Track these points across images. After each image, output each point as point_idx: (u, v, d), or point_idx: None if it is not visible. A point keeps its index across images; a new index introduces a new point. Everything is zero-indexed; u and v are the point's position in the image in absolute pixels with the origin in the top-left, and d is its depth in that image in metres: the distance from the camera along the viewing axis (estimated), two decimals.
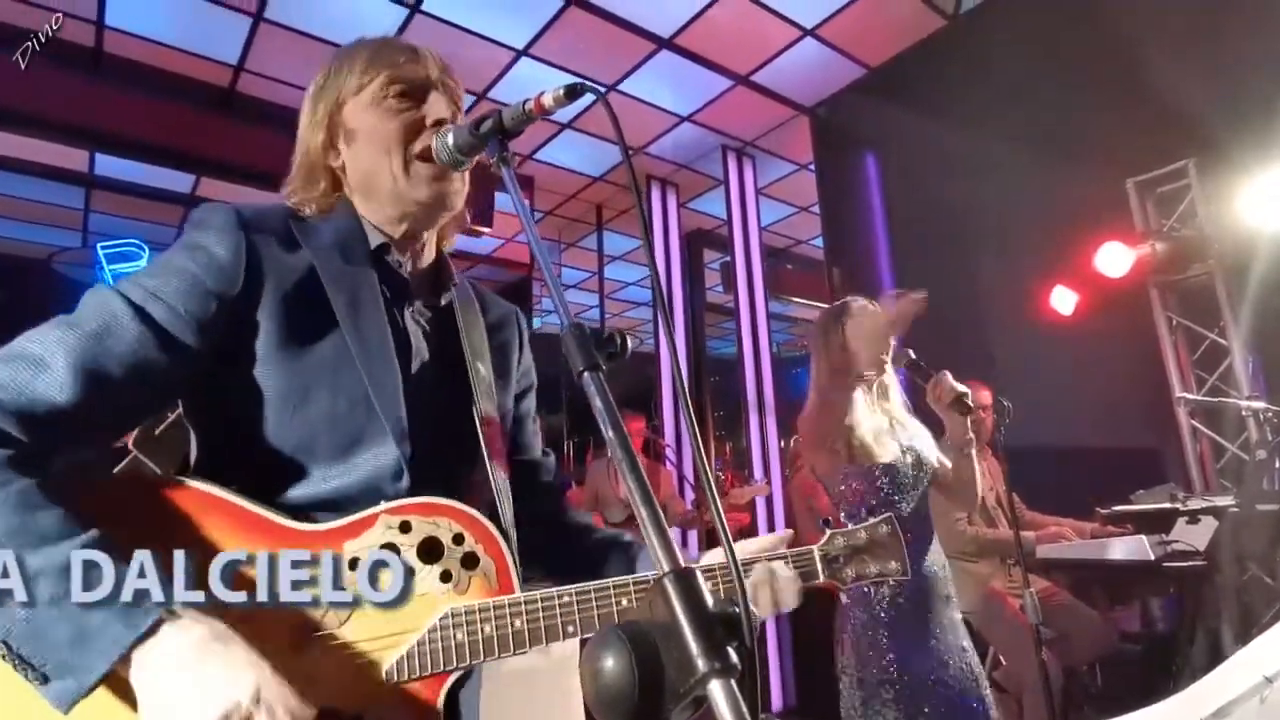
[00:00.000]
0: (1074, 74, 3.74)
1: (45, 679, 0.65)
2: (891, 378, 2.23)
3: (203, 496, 0.80)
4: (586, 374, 0.61)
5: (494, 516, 0.93)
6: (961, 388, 2.03)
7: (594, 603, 0.88)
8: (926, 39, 4.47)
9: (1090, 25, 3.71)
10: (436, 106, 0.98)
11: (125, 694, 0.69)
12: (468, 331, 1.03)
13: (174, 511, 0.79)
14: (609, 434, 0.56)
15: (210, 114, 4.73)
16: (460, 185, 1.00)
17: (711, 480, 0.58)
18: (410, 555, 0.83)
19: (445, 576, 0.84)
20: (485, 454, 0.97)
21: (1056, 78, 3.76)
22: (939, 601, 2.05)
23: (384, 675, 0.80)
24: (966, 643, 2.06)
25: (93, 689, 0.66)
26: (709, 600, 0.46)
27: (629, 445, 0.55)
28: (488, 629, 0.83)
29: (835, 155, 5.27)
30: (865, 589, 2.02)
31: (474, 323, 1.06)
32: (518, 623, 0.84)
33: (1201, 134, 3.51)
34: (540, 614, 0.85)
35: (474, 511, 0.88)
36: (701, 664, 0.43)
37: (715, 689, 0.42)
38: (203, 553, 0.76)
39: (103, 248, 6.36)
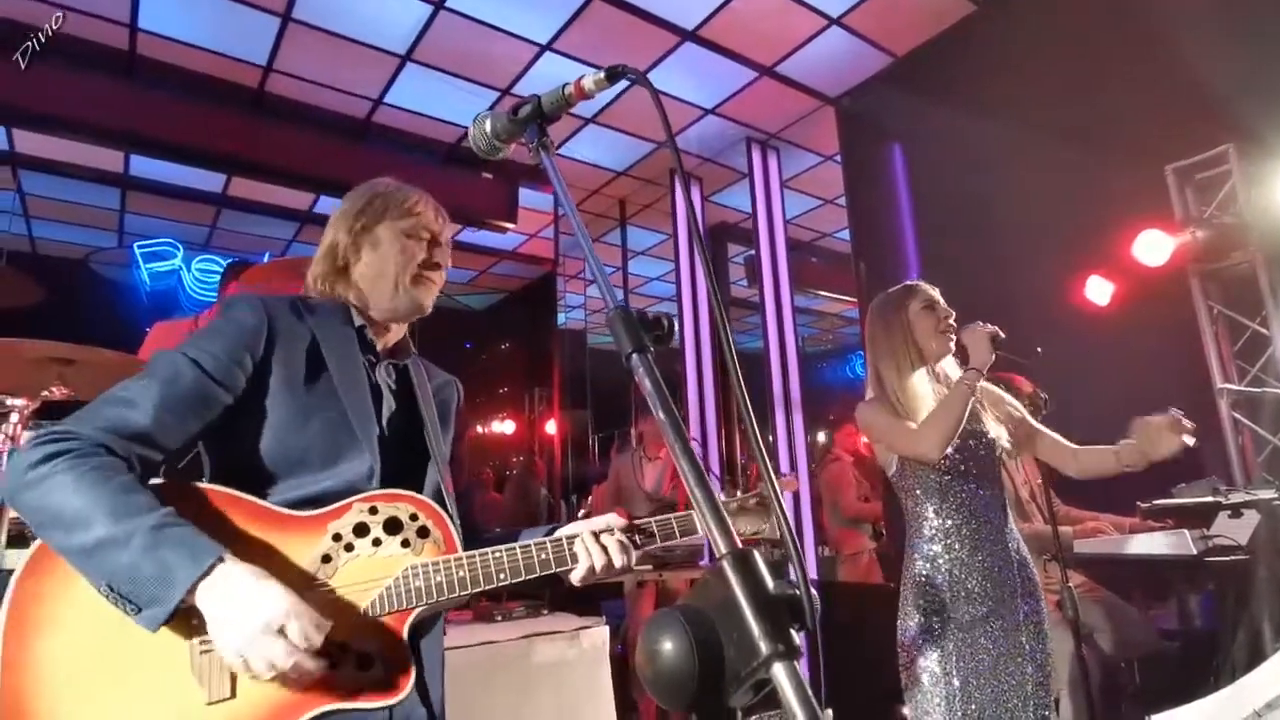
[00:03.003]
0: (1108, 59, 3.65)
1: (139, 609, 0.94)
2: (950, 362, 2.17)
3: (226, 496, 1.11)
4: (635, 356, 0.60)
5: (442, 505, 1.23)
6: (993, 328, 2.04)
7: (519, 555, 1.19)
8: (954, 26, 4.39)
9: (1124, 7, 3.62)
10: (441, 253, 1.38)
11: (190, 623, 1.00)
12: (420, 391, 1.38)
13: (209, 505, 1.09)
14: (660, 415, 0.55)
15: (240, 114, 4.80)
16: (434, 288, 1.38)
17: (763, 448, 0.57)
18: (378, 530, 1.14)
19: (405, 544, 1.15)
20: (437, 467, 1.30)
21: (1090, 63, 3.68)
22: (1009, 599, 1.95)
23: (363, 612, 1.09)
24: (1043, 648, 1.97)
25: (174, 613, 0.94)
26: (770, 581, 0.45)
27: (681, 427, 0.54)
28: (439, 577, 1.14)
29: (861, 146, 5.20)
30: (919, 597, 1.98)
31: (424, 385, 1.41)
32: (461, 572, 1.15)
33: (1242, 118, 3.41)
34: (478, 565, 1.16)
35: (424, 498, 1.20)
36: (765, 646, 0.42)
37: (779, 671, 0.41)
38: (230, 532, 1.07)
39: (139, 247, 6.49)
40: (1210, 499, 2.92)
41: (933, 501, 2.04)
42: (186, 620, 0.99)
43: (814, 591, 0.45)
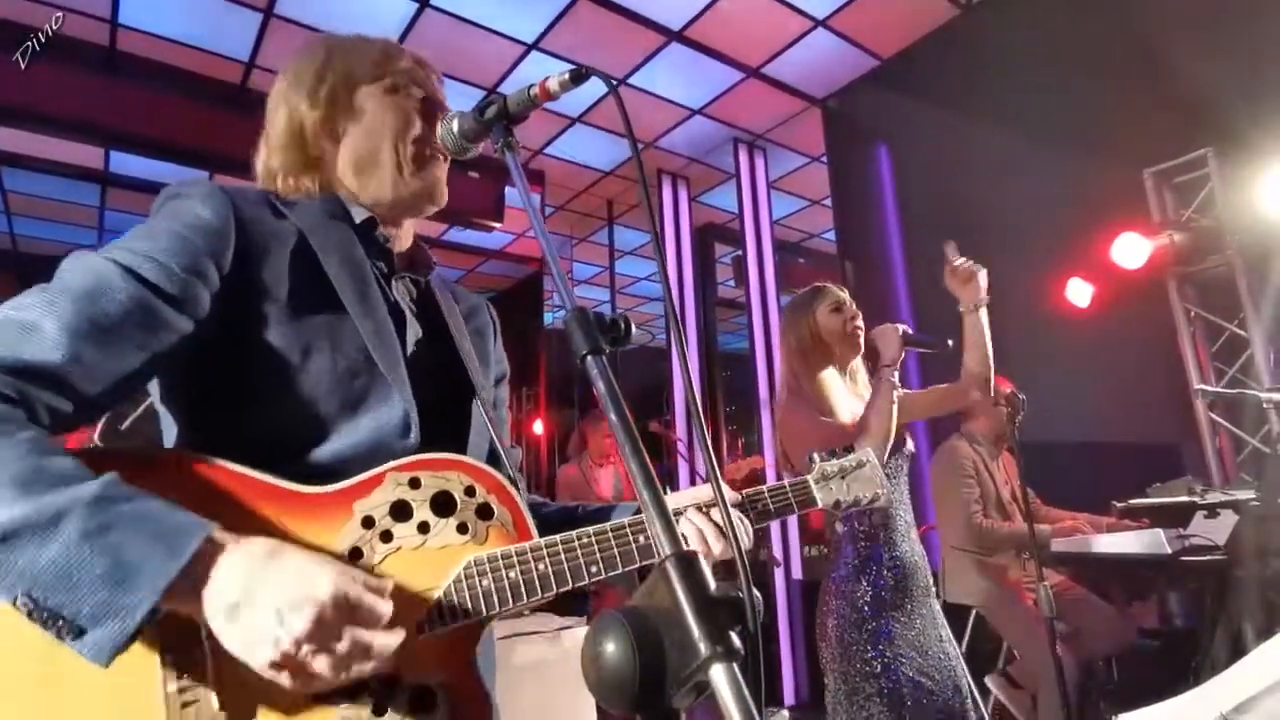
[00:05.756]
0: (1089, 62, 3.69)
1: (80, 631, 0.60)
2: (859, 363, 2.23)
3: (204, 466, 0.78)
4: (589, 357, 0.60)
5: (500, 468, 0.95)
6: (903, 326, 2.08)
7: (612, 541, 0.90)
8: (939, 28, 4.42)
9: (1105, 12, 3.65)
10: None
11: (156, 644, 0.69)
12: (449, 314, 1.07)
13: (178, 482, 0.75)
14: (612, 418, 0.55)
15: (222, 110, 4.76)
16: (444, 166, 1.05)
17: (721, 481, 0.57)
18: (424, 510, 0.83)
19: (462, 528, 0.84)
20: (484, 414, 1.00)
21: (1071, 66, 3.71)
22: (919, 591, 2.03)
23: (416, 629, 0.79)
24: (946, 632, 2.05)
25: (138, 630, 0.62)
26: (711, 584, 0.45)
27: (632, 428, 0.54)
28: (512, 574, 0.83)
29: (847, 148, 5.23)
30: (847, 584, 2.01)
31: (452, 308, 1.10)
32: (541, 566, 0.84)
33: (1220, 122, 3.45)
34: (563, 556, 0.86)
35: (482, 464, 0.89)
36: (704, 648, 0.42)
37: (717, 673, 0.42)
38: (212, 518, 0.72)
39: None
40: (1186, 499, 2.95)
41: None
42: (151, 641, 0.68)
43: (756, 593, 0.46)
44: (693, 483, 5.29)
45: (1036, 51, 3.73)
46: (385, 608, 0.71)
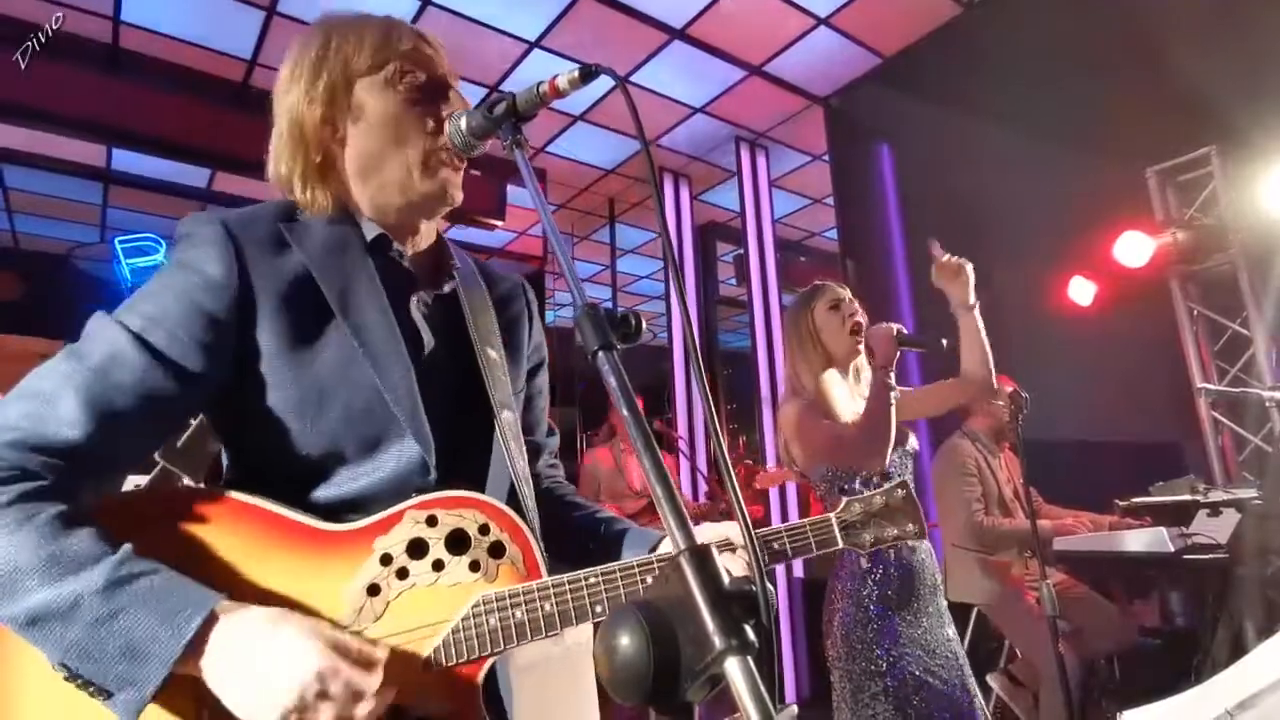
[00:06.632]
0: (1092, 61, 3.69)
1: (108, 694, 0.70)
2: (864, 360, 2.21)
3: (234, 504, 0.83)
4: (601, 353, 0.60)
5: (516, 503, 0.94)
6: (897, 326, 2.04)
7: (619, 582, 0.91)
8: (942, 27, 4.41)
9: (1108, 11, 3.65)
10: (456, 105, 0.97)
11: (195, 687, 0.75)
12: (475, 315, 1.02)
13: (207, 520, 0.82)
14: (624, 412, 0.56)
15: (225, 108, 4.76)
16: (460, 177, 1.00)
17: (727, 456, 0.57)
18: (439, 548, 0.86)
19: (474, 566, 0.87)
20: (503, 443, 0.97)
21: (1075, 65, 3.72)
22: (926, 590, 2.02)
23: (422, 665, 0.82)
24: (951, 630, 2.04)
25: (155, 696, 0.70)
26: (725, 578, 0.45)
27: (644, 423, 0.54)
28: (519, 613, 0.85)
29: (849, 146, 5.22)
30: (853, 582, 2.00)
31: (481, 305, 1.05)
32: (547, 606, 0.87)
33: (1224, 121, 3.45)
34: (569, 596, 0.88)
35: (498, 502, 0.90)
36: (718, 641, 0.42)
37: (732, 666, 0.42)
38: (239, 558, 0.81)
39: (120, 242, 6.42)
40: (1188, 497, 2.96)
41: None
42: (183, 689, 0.74)
43: (770, 587, 0.46)
44: (693, 481, 5.29)
45: (1039, 50, 3.73)
46: (369, 683, 0.75)
